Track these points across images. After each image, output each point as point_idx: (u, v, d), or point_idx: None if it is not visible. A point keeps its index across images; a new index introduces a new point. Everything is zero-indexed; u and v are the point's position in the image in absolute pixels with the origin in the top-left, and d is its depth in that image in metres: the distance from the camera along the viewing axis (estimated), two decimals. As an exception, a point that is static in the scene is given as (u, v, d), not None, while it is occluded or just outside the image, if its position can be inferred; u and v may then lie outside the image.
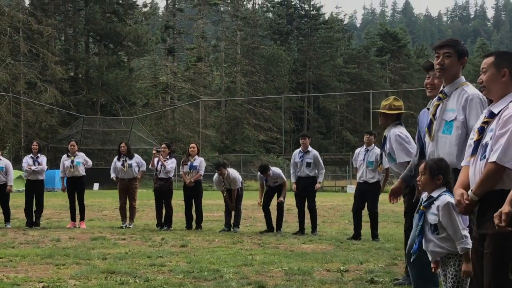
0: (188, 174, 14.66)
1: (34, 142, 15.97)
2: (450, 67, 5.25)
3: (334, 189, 46.40)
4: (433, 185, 4.72)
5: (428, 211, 4.74)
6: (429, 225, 4.74)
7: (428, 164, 4.79)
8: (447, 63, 5.24)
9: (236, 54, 72.64)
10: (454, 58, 5.25)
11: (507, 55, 4.20)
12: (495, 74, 4.15)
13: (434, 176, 4.70)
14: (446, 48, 5.27)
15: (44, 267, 8.55)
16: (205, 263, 8.79)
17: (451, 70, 5.26)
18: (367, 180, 12.37)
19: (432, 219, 4.70)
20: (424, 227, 4.78)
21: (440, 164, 4.76)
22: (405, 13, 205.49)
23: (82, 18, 61.92)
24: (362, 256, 9.75)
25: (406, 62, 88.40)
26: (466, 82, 5.34)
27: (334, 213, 20.90)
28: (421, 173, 4.80)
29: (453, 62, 5.25)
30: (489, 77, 4.17)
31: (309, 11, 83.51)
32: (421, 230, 4.79)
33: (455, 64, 5.26)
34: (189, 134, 61.93)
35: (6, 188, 14.98)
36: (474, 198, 3.96)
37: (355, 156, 12.87)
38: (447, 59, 5.24)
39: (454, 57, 5.25)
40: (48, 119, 52.46)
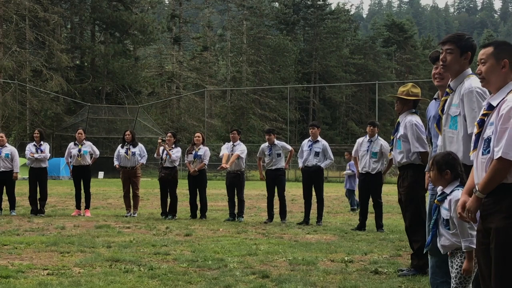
0: (193, 163, 14.67)
1: (36, 130, 15.96)
2: (452, 63, 5.23)
3: (339, 180, 46.39)
4: (442, 180, 4.69)
5: (441, 205, 4.73)
6: (442, 219, 4.74)
7: (435, 160, 4.77)
8: (449, 60, 5.22)
9: (242, 43, 72.49)
10: (456, 54, 5.23)
11: (506, 45, 4.16)
12: (494, 65, 4.11)
13: (442, 171, 4.68)
14: (448, 44, 5.25)
15: (49, 255, 8.57)
16: (209, 252, 8.80)
17: (454, 66, 5.24)
18: (369, 171, 12.37)
19: (444, 214, 4.68)
20: (438, 221, 4.78)
21: (447, 159, 4.73)
22: (412, 4, 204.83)
23: (88, 6, 61.89)
24: (367, 246, 9.76)
25: (412, 53, 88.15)
26: (470, 75, 5.30)
27: (338, 204, 20.93)
28: (430, 168, 4.79)
29: (455, 58, 5.22)
30: (488, 68, 4.13)
31: (316, 1, 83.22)
32: (435, 223, 4.79)
33: (457, 60, 5.23)
34: (194, 124, 61.96)
35: (12, 175, 15.01)
36: (481, 196, 3.94)
37: (357, 146, 12.83)
38: (449, 56, 5.22)
39: (456, 53, 5.22)
40: (53, 107, 52.51)
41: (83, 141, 15.48)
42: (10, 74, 49.86)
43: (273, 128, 15.52)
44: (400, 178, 7.76)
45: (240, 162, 14.45)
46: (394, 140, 7.83)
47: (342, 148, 54.11)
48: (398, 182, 7.84)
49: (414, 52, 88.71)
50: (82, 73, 59.28)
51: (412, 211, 7.54)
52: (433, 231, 4.85)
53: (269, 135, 14.31)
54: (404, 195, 7.61)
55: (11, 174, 15.05)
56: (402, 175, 7.70)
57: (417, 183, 7.35)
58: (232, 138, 14.61)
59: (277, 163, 14.15)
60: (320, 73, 79.93)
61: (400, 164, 7.70)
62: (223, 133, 63.16)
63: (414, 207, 7.52)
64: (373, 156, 12.38)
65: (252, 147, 45.45)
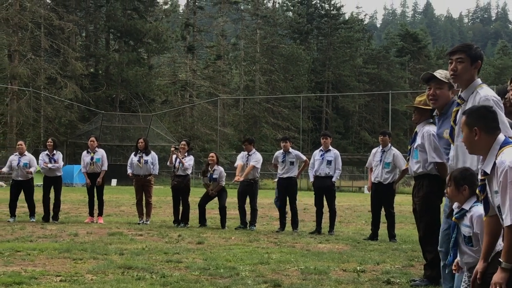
0: (209, 186, 14.70)
1: (49, 139, 15.95)
2: (463, 73, 5.23)
3: (351, 189, 46.31)
4: (460, 196, 4.66)
5: (461, 222, 4.68)
6: (462, 236, 4.68)
7: (453, 175, 4.74)
8: (460, 69, 5.22)
9: (255, 52, 72.62)
10: (467, 63, 5.23)
11: (475, 113, 4.22)
12: (468, 134, 4.19)
13: (459, 186, 4.65)
14: (458, 53, 5.25)
15: (62, 261, 8.61)
16: (221, 261, 8.80)
17: (465, 75, 5.24)
18: (382, 181, 12.36)
19: (466, 231, 4.63)
20: (458, 239, 4.72)
21: (465, 174, 4.69)
22: (426, 14, 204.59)
23: (103, 15, 62.27)
24: (379, 256, 9.73)
25: (426, 63, 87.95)
26: (481, 85, 5.30)
27: (351, 213, 20.87)
28: (448, 184, 4.75)
29: (466, 67, 5.23)
30: (465, 138, 4.23)
31: (330, 10, 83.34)
32: (455, 242, 4.73)
33: (468, 69, 5.24)
34: (207, 132, 62.06)
35: (30, 184, 15.14)
36: (508, 267, 3.91)
37: (371, 156, 12.81)
38: (459, 65, 5.22)
39: (466, 62, 5.23)
40: (67, 115, 52.78)
41: (95, 148, 15.54)
42: (25, 81, 50.18)
43: (288, 136, 15.50)
44: (416, 187, 7.72)
45: (255, 171, 14.46)
46: (411, 149, 7.78)
47: (354, 157, 54.05)
48: (413, 192, 7.80)
49: (427, 62, 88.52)
50: (96, 81, 59.58)
51: (426, 221, 7.50)
52: (454, 250, 4.78)
53: (285, 142, 14.26)
54: (419, 205, 7.57)
55: (28, 182, 15.17)
56: (418, 185, 7.66)
57: (433, 193, 7.31)
58: (245, 148, 14.62)
59: (290, 172, 14.14)
60: (333, 83, 79.89)
61: (416, 173, 7.66)
62: (235, 142, 63.22)
63: (429, 217, 7.48)
64: (385, 166, 12.37)
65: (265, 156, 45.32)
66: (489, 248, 4.17)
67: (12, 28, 51.20)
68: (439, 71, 6.54)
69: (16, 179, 15.33)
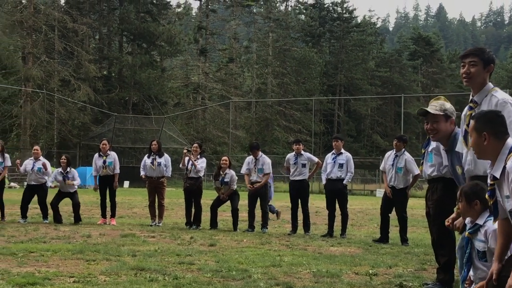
0: (221, 189, 14.72)
1: (63, 157, 15.84)
2: (476, 76, 5.24)
3: (363, 193, 46.22)
4: (472, 211, 4.64)
5: (474, 238, 4.65)
6: (476, 251, 4.65)
7: (463, 191, 4.72)
8: (473, 72, 5.23)
9: (267, 55, 72.66)
10: (480, 67, 5.24)
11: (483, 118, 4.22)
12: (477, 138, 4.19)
13: (471, 201, 4.62)
14: (471, 57, 5.26)
15: (75, 263, 8.65)
16: (233, 263, 8.82)
17: (477, 78, 5.25)
18: (395, 185, 12.37)
19: (480, 246, 4.59)
20: (472, 254, 4.68)
21: (475, 189, 4.66)
22: (438, 17, 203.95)
23: (116, 17, 62.53)
24: (391, 260, 9.71)
25: (438, 67, 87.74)
26: (494, 88, 5.31)
27: (363, 217, 20.85)
28: (458, 199, 4.73)
29: (478, 71, 5.24)
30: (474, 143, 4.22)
31: (342, 14, 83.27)
32: (469, 257, 4.70)
33: (481, 72, 5.24)
34: (219, 134, 62.17)
35: (43, 188, 15.20)
36: None
37: (384, 161, 12.82)
38: (472, 68, 5.23)
39: (479, 65, 5.23)
40: (80, 117, 53.00)
41: (107, 151, 15.55)
42: (38, 83, 50.44)
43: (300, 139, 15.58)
44: (430, 191, 7.69)
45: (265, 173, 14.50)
46: (425, 153, 7.74)
47: (366, 161, 53.96)
48: (426, 195, 7.76)
49: (440, 66, 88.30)
50: (109, 83, 59.81)
51: (440, 225, 7.46)
52: (468, 265, 4.76)
53: (297, 145, 14.34)
54: (432, 208, 7.54)
55: (41, 186, 15.23)
56: (432, 188, 7.63)
57: (447, 196, 7.28)
58: (252, 154, 14.65)
59: (302, 174, 14.15)
60: (345, 86, 79.80)
61: (430, 177, 7.63)
62: (247, 144, 63.26)
63: (443, 221, 7.45)
64: (398, 171, 12.38)
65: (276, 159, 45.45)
66: (503, 249, 4.17)
67: (26, 31, 51.51)
68: (433, 103, 6.52)
69: (29, 184, 15.39)
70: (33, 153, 15.54)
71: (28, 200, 15.27)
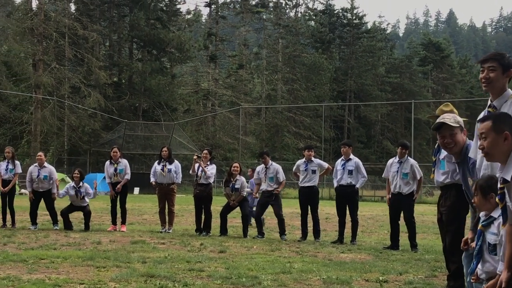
0: (231, 196, 14.72)
1: (76, 171, 15.76)
2: (496, 81, 5.21)
3: (373, 199, 46.10)
4: (488, 204, 4.62)
5: (487, 230, 4.64)
6: (487, 244, 4.63)
7: (478, 184, 4.71)
8: (492, 77, 5.20)
9: (277, 61, 72.69)
10: (499, 72, 5.21)
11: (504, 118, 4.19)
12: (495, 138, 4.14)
13: (486, 194, 4.61)
14: (490, 62, 5.23)
15: (85, 269, 8.67)
16: (243, 270, 8.81)
17: (497, 83, 5.22)
18: (401, 191, 12.36)
19: (492, 239, 4.57)
20: (482, 247, 4.67)
21: (490, 182, 4.65)
22: (448, 23, 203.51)
23: (126, 24, 62.77)
24: (402, 266, 9.68)
25: (449, 73, 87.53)
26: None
27: (373, 223, 20.78)
28: (474, 194, 4.72)
29: (498, 76, 5.21)
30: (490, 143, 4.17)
31: (352, 20, 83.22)
32: (480, 250, 4.68)
33: (500, 78, 5.22)
34: (229, 141, 62.19)
35: (50, 194, 15.21)
36: None
37: (387, 168, 12.81)
38: (492, 73, 5.20)
39: (499, 70, 5.21)
40: (91, 123, 53.18)
41: (118, 159, 15.55)
42: (49, 90, 50.68)
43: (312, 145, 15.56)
44: (442, 197, 7.65)
45: (278, 182, 14.46)
46: (436, 161, 7.68)
47: (377, 167, 53.76)
48: (439, 202, 7.73)
49: (451, 72, 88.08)
50: (119, 90, 60.00)
51: (453, 231, 7.43)
52: (478, 258, 4.74)
53: (309, 151, 14.33)
54: (445, 214, 7.50)
55: (49, 192, 15.24)
56: (445, 195, 7.60)
57: (460, 203, 7.24)
58: (263, 162, 14.64)
59: (312, 181, 14.12)
60: (355, 92, 79.69)
61: (443, 184, 7.59)
62: (257, 151, 63.27)
63: (456, 228, 7.41)
64: (404, 177, 12.39)
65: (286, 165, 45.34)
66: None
67: (36, 38, 51.76)
68: (446, 116, 6.48)
69: (36, 190, 15.36)
70: (37, 159, 15.52)
71: (36, 207, 15.27)
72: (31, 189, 15.31)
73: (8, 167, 15.46)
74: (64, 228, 15.08)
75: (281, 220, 14.32)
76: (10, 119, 50.35)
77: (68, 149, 54.00)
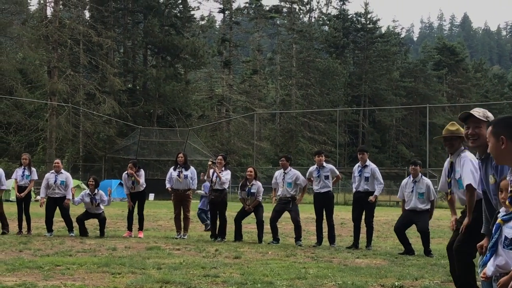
0: (246, 201, 14.70)
1: (91, 179, 15.74)
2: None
3: (388, 204, 45.90)
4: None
5: (505, 224, 4.59)
6: (503, 238, 4.59)
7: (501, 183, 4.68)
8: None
9: (291, 67, 72.73)
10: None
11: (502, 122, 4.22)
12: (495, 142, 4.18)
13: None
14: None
15: (101, 276, 8.68)
16: (258, 275, 8.79)
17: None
18: (416, 208, 12.32)
19: (509, 234, 4.53)
20: (498, 240, 4.63)
21: None
22: (463, 27, 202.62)
23: (140, 31, 63.06)
24: (417, 272, 9.63)
25: (464, 77, 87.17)
26: None
27: (388, 228, 20.68)
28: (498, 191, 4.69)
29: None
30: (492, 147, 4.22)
31: (366, 24, 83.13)
32: (495, 243, 4.64)
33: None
34: (243, 146, 62.23)
35: (64, 200, 15.26)
36: None
37: (401, 189, 12.76)
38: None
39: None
40: (106, 130, 53.42)
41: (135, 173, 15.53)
42: (64, 97, 51.01)
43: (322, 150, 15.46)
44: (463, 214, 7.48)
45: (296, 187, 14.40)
46: (451, 182, 7.53)
47: (392, 171, 53.64)
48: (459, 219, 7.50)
49: (465, 75, 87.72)
50: (134, 96, 60.24)
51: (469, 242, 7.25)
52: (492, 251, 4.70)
53: (319, 156, 14.22)
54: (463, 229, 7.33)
55: (64, 199, 15.28)
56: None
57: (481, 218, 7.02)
58: (282, 165, 14.55)
59: (326, 186, 14.06)
60: (369, 96, 79.56)
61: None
62: (272, 156, 63.29)
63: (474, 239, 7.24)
64: (420, 196, 12.34)
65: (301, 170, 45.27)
66: None
67: (51, 45, 52.12)
68: (476, 109, 6.41)
69: (52, 196, 15.41)
70: (54, 167, 15.57)
71: (52, 214, 15.30)
72: (44, 195, 15.35)
73: (25, 173, 15.56)
74: (80, 235, 15.12)
75: (298, 226, 14.24)
76: (26, 126, 50.66)
77: (83, 155, 54.26)
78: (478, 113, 6.29)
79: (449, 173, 7.49)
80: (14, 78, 50.00)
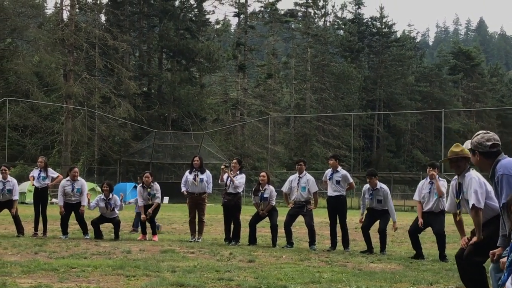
0: (260, 205, 14.69)
1: (105, 184, 15.78)
2: None
3: (403, 209, 45.70)
4: None
5: None
6: None
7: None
8: None
9: (306, 71, 72.69)
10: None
11: None
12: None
13: None
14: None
15: (115, 278, 8.72)
16: (272, 279, 8.79)
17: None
18: (433, 210, 12.28)
19: None
20: None
21: None
22: (479, 31, 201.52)
23: (156, 35, 63.27)
24: (432, 277, 9.59)
25: (479, 81, 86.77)
26: None
27: (403, 233, 20.58)
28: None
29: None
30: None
31: (381, 28, 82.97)
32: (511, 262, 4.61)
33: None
34: (257, 150, 62.21)
35: (79, 205, 15.33)
36: None
37: (419, 189, 12.72)
38: None
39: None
40: (121, 133, 53.61)
41: (150, 183, 15.55)
42: (80, 100, 51.23)
43: (336, 154, 15.38)
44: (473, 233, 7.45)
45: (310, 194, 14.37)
46: (460, 203, 7.47)
47: (407, 176, 53.42)
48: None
49: (481, 80, 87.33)
50: (149, 100, 60.42)
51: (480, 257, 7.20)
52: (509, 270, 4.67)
53: (331, 160, 14.25)
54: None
55: (79, 205, 15.34)
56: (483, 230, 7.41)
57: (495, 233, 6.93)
58: (298, 169, 14.50)
59: (338, 190, 14.02)
60: (384, 101, 79.37)
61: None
62: (286, 160, 63.23)
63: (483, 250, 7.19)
64: (436, 196, 12.29)
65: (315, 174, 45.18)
66: None
67: (67, 48, 52.41)
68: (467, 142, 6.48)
69: (68, 203, 15.45)
70: (72, 175, 15.48)
71: (67, 218, 15.39)
72: (62, 203, 15.41)
73: (41, 175, 15.71)
74: (95, 237, 15.19)
75: (312, 230, 14.21)
76: (42, 129, 50.92)
77: (98, 158, 54.46)
78: None
79: (457, 193, 7.45)
80: (30, 81, 50.29)
